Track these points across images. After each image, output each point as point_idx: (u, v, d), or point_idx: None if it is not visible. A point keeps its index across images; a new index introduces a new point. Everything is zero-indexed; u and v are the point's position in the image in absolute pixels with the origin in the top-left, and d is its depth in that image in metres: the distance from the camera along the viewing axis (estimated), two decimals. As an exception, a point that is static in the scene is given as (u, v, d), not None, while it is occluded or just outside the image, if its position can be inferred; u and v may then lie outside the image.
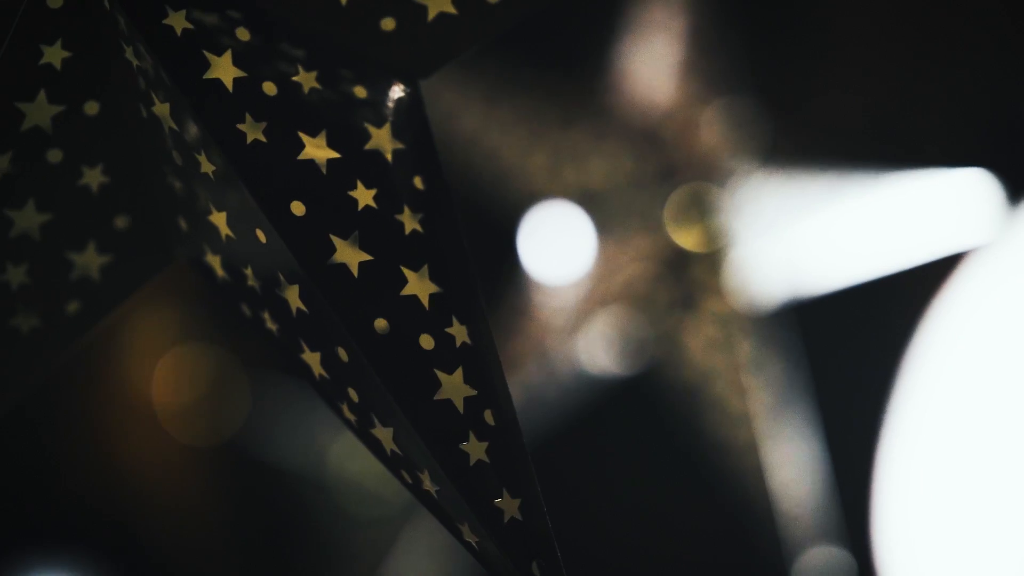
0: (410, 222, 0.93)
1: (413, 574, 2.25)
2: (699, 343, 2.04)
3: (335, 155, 0.93)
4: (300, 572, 2.44)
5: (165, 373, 2.42)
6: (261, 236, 0.91)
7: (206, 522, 2.44)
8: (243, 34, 0.93)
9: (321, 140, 0.93)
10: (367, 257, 0.91)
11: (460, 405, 0.90)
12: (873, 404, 2.31)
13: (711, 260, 2.02)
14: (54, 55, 0.92)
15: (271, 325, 0.96)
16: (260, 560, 2.46)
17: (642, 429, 2.31)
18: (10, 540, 2.34)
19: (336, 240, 0.91)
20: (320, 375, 0.94)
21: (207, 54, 0.92)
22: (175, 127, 0.92)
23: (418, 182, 0.95)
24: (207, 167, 0.92)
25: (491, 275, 2.07)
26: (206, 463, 2.44)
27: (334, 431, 2.39)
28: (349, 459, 2.40)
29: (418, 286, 0.92)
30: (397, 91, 0.97)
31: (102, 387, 2.42)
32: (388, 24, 0.96)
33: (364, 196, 0.93)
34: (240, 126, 0.91)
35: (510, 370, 2.00)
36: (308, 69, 0.94)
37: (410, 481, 0.93)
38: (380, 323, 0.90)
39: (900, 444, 2.31)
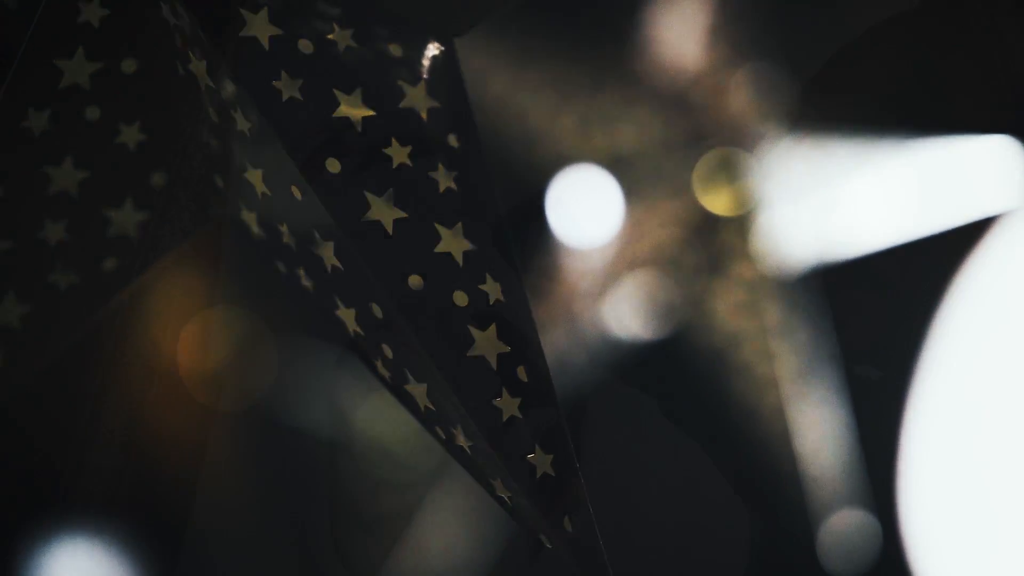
0: (444, 180, 0.93)
1: (440, 537, 2.26)
2: (727, 307, 2.05)
3: (370, 113, 0.93)
4: (326, 536, 2.45)
5: (192, 337, 2.43)
6: (296, 193, 0.91)
7: (231, 486, 2.45)
8: (279, -8, 0.93)
9: (356, 98, 0.93)
10: (401, 214, 0.92)
11: (493, 361, 0.91)
12: (900, 369, 2.30)
13: (739, 224, 2.01)
14: (92, 13, 0.92)
15: (306, 282, 0.96)
16: (286, 523, 2.47)
17: (669, 393, 2.32)
18: (32, 509, 2.35)
19: (371, 197, 0.91)
20: (355, 332, 0.95)
21: (243, 12, 0.92)
22: (211, 85, 0.93)
23: (452, 140, 0.95)
24: (243, 124, 0.92)
25: (519, 238, 2.07)
26: (232, 427, 2.45)
27: (361, 396, 2.39)
28: (376, 423, 2.40)
29: (452, 243, 0.92)
30: (432, 49, 0.97)
31: (127, 351, 2.43)
32: (423, -18, 0.96)
33: (399, 154, 0.93)
34: (276, 83, 0.91)
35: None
36: (344, 27, 0.94)
37: (444, 437, 0.94)
38: (414, 280, 0.90)
39: (927, 409, 2.31)
